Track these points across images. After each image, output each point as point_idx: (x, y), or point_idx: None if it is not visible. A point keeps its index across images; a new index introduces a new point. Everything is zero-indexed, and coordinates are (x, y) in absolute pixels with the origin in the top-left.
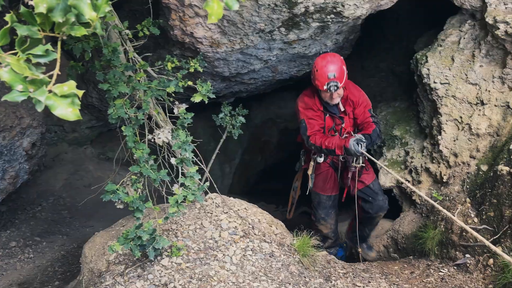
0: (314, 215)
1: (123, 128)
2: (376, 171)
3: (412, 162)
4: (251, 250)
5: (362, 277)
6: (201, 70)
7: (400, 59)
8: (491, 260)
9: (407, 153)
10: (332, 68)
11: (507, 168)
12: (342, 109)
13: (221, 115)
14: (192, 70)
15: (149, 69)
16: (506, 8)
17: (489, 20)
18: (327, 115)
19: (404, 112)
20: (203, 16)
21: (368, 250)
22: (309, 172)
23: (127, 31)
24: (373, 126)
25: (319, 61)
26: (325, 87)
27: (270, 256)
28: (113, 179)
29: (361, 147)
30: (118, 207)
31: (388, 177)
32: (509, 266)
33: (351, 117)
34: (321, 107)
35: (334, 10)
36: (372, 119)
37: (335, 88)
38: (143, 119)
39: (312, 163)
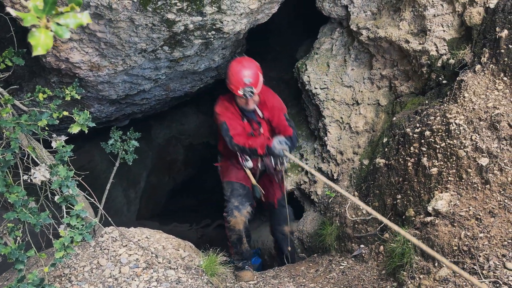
0: (226, 208)
1: None
2: None
3: (307, 163)
4: (156, 280)
5: (272, 284)
6: (78, 97)
7: (286, 67)
8: (381, 247)
9: (302, 155)
10: (248, 74)
11: (383, 161)
12: (261, 115)
13: (110, 142)
14: (68, 98)
15: (16, 102)
16: (366, 15)
17: (353, 27)
18: (245, 120)
19: (295, 117)
20: (78, 40)
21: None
22: (253, 182)
23: None
24: (290, 130)
25: (234, 66)
26: (240, 92)
27: (176, 283)
28: None
29: (284, 147)
30: None
31: (288, 180)
32: (395, 251)
33: (268, 122)
34: (239, 111)
35: (214, 27)
36: (288, 123)
37: (251, 94)
38: (13, 160)
39: (247, 170)
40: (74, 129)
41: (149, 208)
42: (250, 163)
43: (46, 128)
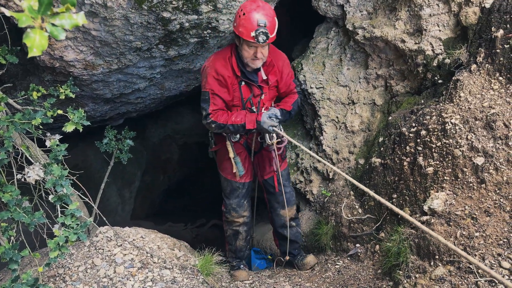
0: (225, 205)
1: None
2: None
3: (302, 163)
4: (151, 280)
5: (267, 283)
6: (73, 96)
7: None
8: (377, 247)
9: (297, 155)
10: (264, 14)
11: (379, 160)
12: (264, 77)
13: (105, 141)
14: (62, 97)
15: (10, 100)
16: (362, 14)
17: (349, 26)
18: (243, 83)
19: None
20: (72, 39)
21: (302, 258)
22: (231, 155)
23: None
24: (294, 97)
25: (248, 4)
26: (252, 34)
27: (172, 283)
28: None
29: (273, 123)
30: None
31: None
32: (391, 250)
33: (273, 88)
34: (238, 71)
35: (210, 26)
36: (296, 89)
37: (265, 38)
38: (6, 158)
39: (228, 143)
40: (69, 128)
41: (143, 208)
42: (237, 136)
43: (40, 127)
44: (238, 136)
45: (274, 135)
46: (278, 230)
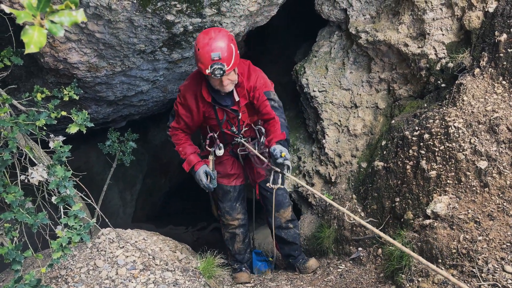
0: (219, 208)
1: None
2: None
3: (304, 166)
4: (153, 282)
5: (269, 286)
6: (76, 97)
7: (284, 70)
8: (379, 250)
9: (299, 158)
10: (217, 47)
11: (382, 163)
12: (237, 99)
13: (108, 143)
14: (66, 98)
15: (15, 102)
16: (365, 18)
17: (352, 30)
18: (217, 107)
19: (293, 120)
20: (76, 41)
21: (304, 262)
22: (209, 167)
23: None
24: (276, 123)
25: (201, 39)
26: (208, 71)
27: (174, 286)
28: None
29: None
30: None
31: (286, 183)
32: (393, 254)
33: (249, 107)
34: (209, 97)
35: None
36: (270, 103)
37: (221, 72)
38: (10, 159)
39: (211, 157)
40: (72, 129)
41: (145, 211)
42: (221, 151)
43: (44, 128)
44: (222, 151)
45: (279, 179)
46: (276, 232)
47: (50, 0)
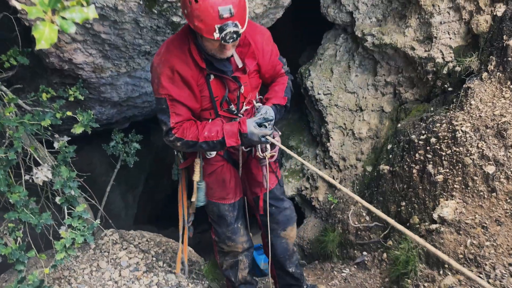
0: (216, 233)
1: None
2: None
3: (308, 169)
4: (156, 284)
5: None
6: (82, 98)
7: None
8: (384, 255)
9: None
10: None
11: (387, 167)
12: (240, 64)
13: (112, 144)
14: (72, 99)
15: (20, 101)
16: (371, 22)
17: (358, 33)
18: (213, 77)
19: (297, 123)
20: (82, 41)
21: None
22: (196, 178)
23: None
24: (284, 82)
25: None
26: (216, 35)
27: None
28: None
29: (264, 132)
30: None
31: (289, 186)
32: (399, 259)
33: (255, 75)
34: (202, 63)
35: None
36: (283, 69)
37: (234, 36)
38: (15, 159)
39: (197, 160)
40: (77, 130)
41: (147, 213)
42: (213, 152)
43: (49, 128)
44: (214, 152)
45: (268, 145)
46: (279, 258)
47: None
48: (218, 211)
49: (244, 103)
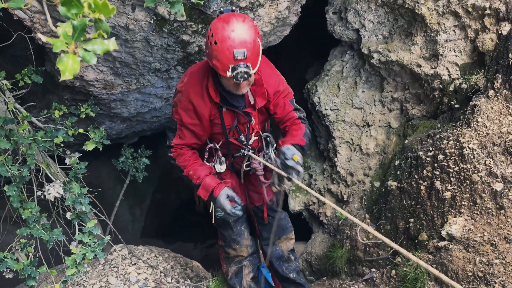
0: (222, 238)
1: (6, 188)
2: None
3: (316, 184)
4: None
5: None
6: (93, 115)
7: (295, 88)
8: (393, 272)
9: (310, 176)
10: (241, 42)
11: (395, 183)
12: (252, 101)
13: (121, 159)
14: (83, 116)
15: (33, 119)
16: (377, 39)
17: (365, 50)
18: (225, 109)
19: None
20: None
21: None
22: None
23: (5, 82)
24: (302, 128)
25: (220, 28)
26: (229, 74)
27: None
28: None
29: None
30: (7, 276)
31: (296, 201)
32: (408, 276)
33: (263, 111)
34: (217, 98)
35: None
36: (297, 114)
37: (245, 76)
38: (28, 175)
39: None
40: (90, 147)
41: (154, 227)
42: (223, 167)
43: (62, 145)
44: (224, 166)
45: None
46: (275, 265)
47: (85, 29)
48: (224, 216)
49: (253, 134)
